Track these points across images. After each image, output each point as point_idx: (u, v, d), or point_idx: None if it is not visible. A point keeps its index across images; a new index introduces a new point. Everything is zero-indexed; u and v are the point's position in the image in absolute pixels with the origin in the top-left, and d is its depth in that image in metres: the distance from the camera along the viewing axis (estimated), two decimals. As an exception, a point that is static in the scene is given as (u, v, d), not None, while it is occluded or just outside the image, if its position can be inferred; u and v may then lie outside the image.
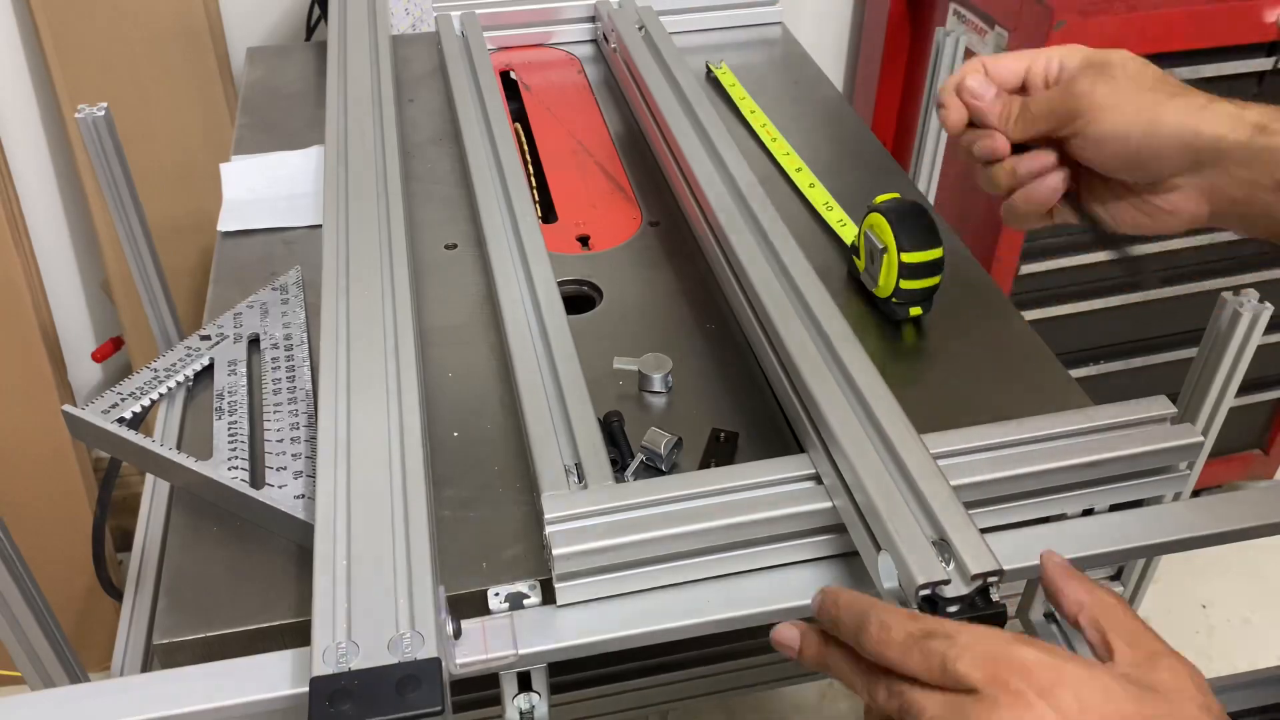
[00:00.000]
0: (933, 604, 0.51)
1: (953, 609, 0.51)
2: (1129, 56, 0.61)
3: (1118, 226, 0.64)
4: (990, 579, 0.52)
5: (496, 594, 0.59)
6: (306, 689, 0.49)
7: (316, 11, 1.47)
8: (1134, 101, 0.59)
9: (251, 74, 1.20)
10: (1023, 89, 0.65)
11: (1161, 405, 0.65)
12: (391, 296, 0.74)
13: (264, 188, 0.98)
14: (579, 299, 0.86)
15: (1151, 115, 0.58)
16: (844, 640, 0.49)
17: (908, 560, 0.52)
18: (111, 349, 1.71)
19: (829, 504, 0.60)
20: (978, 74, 0.65)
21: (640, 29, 1.10)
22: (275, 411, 0.72)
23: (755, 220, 0.80)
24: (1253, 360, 0.79)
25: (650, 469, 0.69)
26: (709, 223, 0.84)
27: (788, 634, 0.53)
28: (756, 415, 0.74)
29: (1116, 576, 0.82)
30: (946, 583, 0.51)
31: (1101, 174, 0.62)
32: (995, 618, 0.51)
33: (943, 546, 0.54)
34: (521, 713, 0.60)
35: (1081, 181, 0.65)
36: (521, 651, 0.56)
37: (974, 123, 0.65)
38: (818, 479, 0.62)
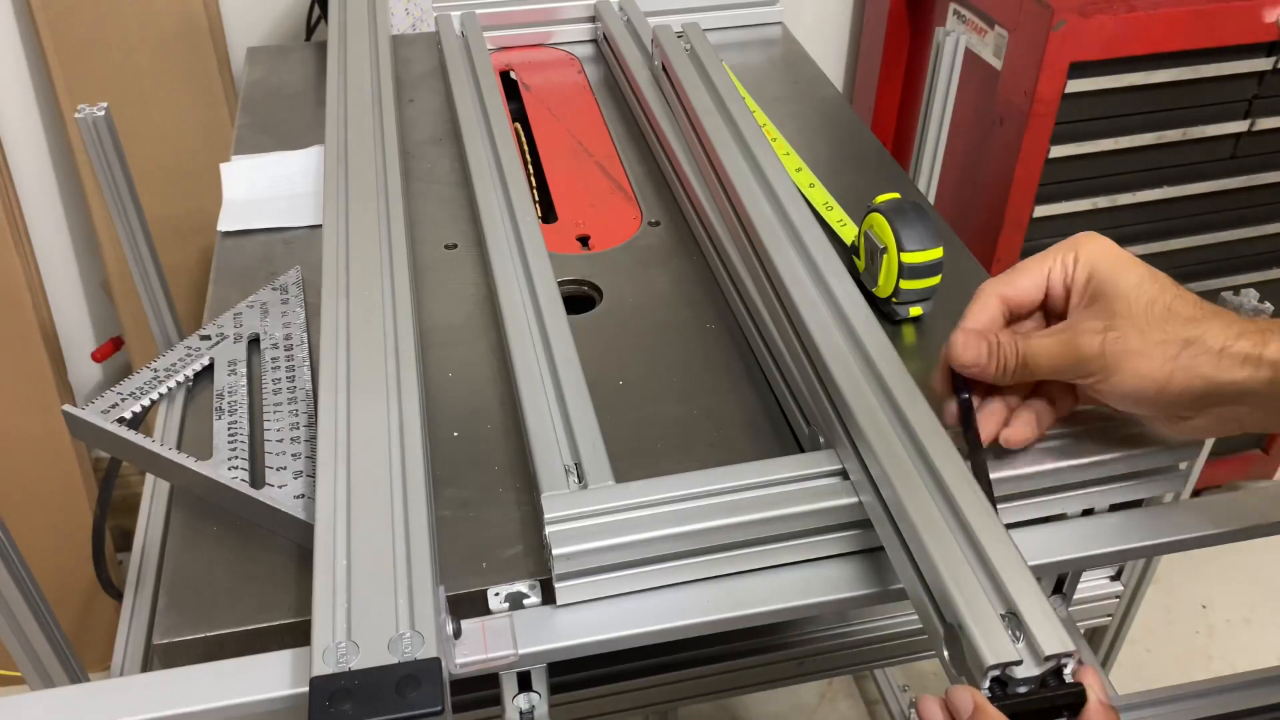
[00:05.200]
0: (1002, 685, 0.49)
1: (1023, 690, 0.48)
2: (1142, 277, 0.57)
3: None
4: (1064, 659, 0.49)
5: (496, 594, 0.59)
6: (306, 689, 0.49)
7: (316, 11, 1.47)
8: (1145, 358, 0.55)
9: (251, 74, 1.20)
10: (1044, 301, 0.62)
11: (1161, 405, 0.65)
12: (391, 296, 0.74)
13: (264, 188, 0.98)
14: (579, 299, 0.86)
15: (1164, 374, 0.55)
16: None
17: (977, 639, 0.49)
18: (111, 349, 1.71)
19: (828, 504, 0.60)
20: (972, 340, 0.60)
21: (680, 36, 1.06)
22: (275, 411, 0.72)
23: (800, 240, 0.77)
24: (1253, 360, 0.78)
25: None
26: (746, 231, 0.80)
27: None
28: (756, 415, 0.74)
29: (1117, 576, 0.82)
30: (1018, 663, 0.49)
31: None
32: (1073, 698, 0.48)
33: (1012, 621, 0.50)
34: (521, 713, 0.60)
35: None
36: (521, 651, 0.56)
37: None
38: (817, 478, 0.62)
